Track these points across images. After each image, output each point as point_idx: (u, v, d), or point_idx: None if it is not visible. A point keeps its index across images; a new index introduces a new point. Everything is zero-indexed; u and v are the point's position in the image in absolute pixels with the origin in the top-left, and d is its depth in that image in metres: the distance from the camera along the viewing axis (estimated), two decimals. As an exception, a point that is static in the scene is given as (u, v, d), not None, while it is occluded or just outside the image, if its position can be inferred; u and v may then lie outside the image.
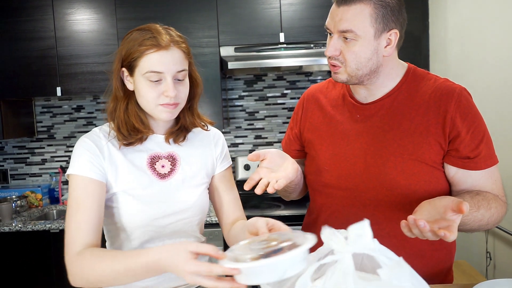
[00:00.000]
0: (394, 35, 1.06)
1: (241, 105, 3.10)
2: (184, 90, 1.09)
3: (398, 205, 1.08)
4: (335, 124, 1.18)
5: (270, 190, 1.01)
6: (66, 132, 3.14)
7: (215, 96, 2.70)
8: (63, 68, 2.72)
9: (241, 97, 3.10)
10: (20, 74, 2.73)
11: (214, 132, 1.24)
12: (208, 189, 1.21)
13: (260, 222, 0.92)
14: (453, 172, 1.10)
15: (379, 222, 1.08)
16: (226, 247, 1.14)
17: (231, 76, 3.09)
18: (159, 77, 1.03)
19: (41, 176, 3.17)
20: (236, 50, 2.69)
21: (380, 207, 1.10)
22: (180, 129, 1.16)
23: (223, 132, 3.04)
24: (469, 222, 1.01)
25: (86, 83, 2.73)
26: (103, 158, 1.07)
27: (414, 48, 2.65)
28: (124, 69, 1.07)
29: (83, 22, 2.71)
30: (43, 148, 3.15)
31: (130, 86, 1.08)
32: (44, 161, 3.16)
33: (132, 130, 1.09)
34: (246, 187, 1.00)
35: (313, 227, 1.20)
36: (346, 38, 1.03)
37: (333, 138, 1.17)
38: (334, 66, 1.08)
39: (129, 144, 1.09)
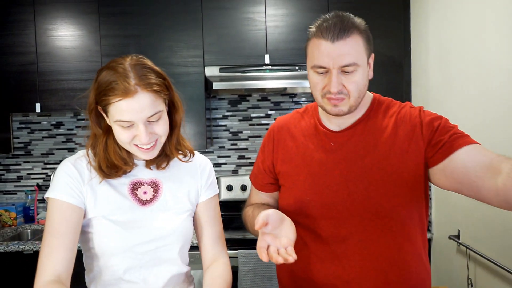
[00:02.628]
0: (371, 58, 1.12)
1: (225, 125, 3.08)
2: (161, 127, 1.03)
3: (384, 228, 1.09)
4: (310, 153, 1.17)
5: (291, 260, 0.94)
6: (44, 148, 3.06)
7: (199, 115, 2.68)
8: (43, 84, 2.67)
9: (225, 117, 3.09)
10: (-2, 89, 2.66)
11: (201, 160, 1.20)
12: (193, 217, 1.18)
13: None
14: (443, 167, 1.03)
15: (367, 247, 1.09)
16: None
17: (215, 96, 3.08)
18: (129, 124, 0.99)
19: (16, 194, 3.06)
20: (221, 70, 2.69)
21: (366, 232, 1.10)
22: (161, 156, 1.12)
23: (206, 152, 3.03)
24: None
25: (67, 100, 2.67)
26: (83, 183, 1.06)
27: (395, 73, 2.70)
28: (99, 107, 1.03)
29: (66, 38, 2.67)
30: (19, 164, 3.06)
31: (108, 121, 1.04)
32: (20, 178, 3.06)
33: (113, 167, 1.07)
34: (265, 259, 0.94)
35: (301, 260, 1.14)
36: (347, 72, 1.04)
37: (310, 167, 1.16)
38: (337, 99, 1.06)
39: (109, 178, 1.08)
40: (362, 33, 1.06)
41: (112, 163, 1.06)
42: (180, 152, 1.14)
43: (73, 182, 1.04)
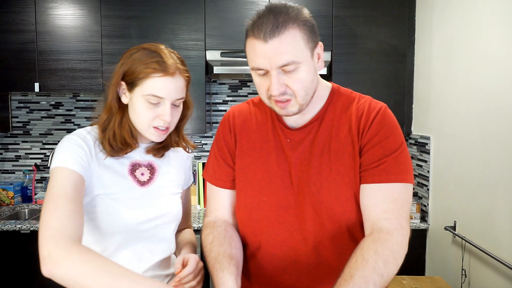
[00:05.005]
0: (320, 48, 1.00)
1: (225, 110, 3.06)
2: (177, 115, 1.12)
3: (337, 234, 1.03)
4: (268, 149, 1.08)
5: None
6: (42, 129, 3.04)
7: (199, 100, 2.66)
8: (43, 64, 2.64)
9: (225, 102, 3.07)
10: (-4, 67, 2.63)
11: (188, 154, 1.30)
12: None
13: (177, 260, 1.08)
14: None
15: (321, 254, 1.04)
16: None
17: (216, 81, 3.06)
18: (158, 101, 1.05)
19: (14, 173, 3.06)
20: (222, 54, 2.66)
21: (319, 237, 1.03)
22: (162, 147, 1.19)
23: (205, 136, 3.02)
24: None
25: (66, 80, 2.65)
26: (90, 156, 1.06)
27: (399, 63, 2.68)
28: (123, 82, 1.08)
29: (66, 17, 2.64)
30: (18, 144, 3.05)
31: (125, 100, 1.09)
32: (18, 157, 3.05)
33: (123, 143, 1.10)
34: None
35: (251, 263, 1.12)
36: (287, 70, 0.94)
37: (268, 165, 1.07)
38: (283, 102, 0.97)
39: (114, 155, 1.10)
40: (300, 26, 0.94)
41: (124, 139, 1.10)
42: (183, 144, 1.24)
43: (83, 154, 1.03)
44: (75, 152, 1.02)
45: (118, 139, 1.09)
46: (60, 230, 0.88)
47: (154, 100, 1.04)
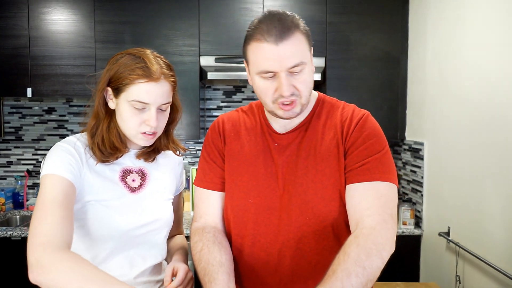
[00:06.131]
0: (311, 51, 1.06)
1: (218, 116, 3.05)
2: (164, 120, 1.11)
3: (322, 234, 1.04)
4: (256, 153, 1.11)
5: None
6: (35, 134, 3.02)
7: (193, 105, 2.65)
8: (36, 69, 2.62)
9: (219, 108, 3.06)
10: (-11, 72, 2.61)
11: (179, 158, 1.30)
12: None
13: (167, 270, 1.08)
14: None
15: (305, 256, 1.05)
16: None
17: (210, 86, 3.05)
18: (144, 106, 1.05)
19: (5, 179, 3.03)
20: (216, 60, 2.66)
21: (304, 238, 1.04)
22: (152, 150, 1.19)
23: (199, 142, 3.01)
24: None
25: (59, 85, 2.63)
26: (82, 164, 1.06)
27: (393, 68, 2.69)
28: (109, 88, 1.08)
29: (59, 23, 2.62)
30: (10, 150, 3.02)
31: (112, 106, 1.10)
32: (9, 163, 3.02)
33: (112, 148, 1.10)
34: None
35: (239, 264, 1.12)
36: (295, 72, 0.99)
37: (255, 168, 1.10)
38: (289, 104, 1.01)
39: (106, 161, 1.10)
40: (302, 31, 1.00)
41: (112, 144, 1.10)
42: (173, 147, 1.23)
43: (73, 161, 1.04)
44: (66, 160, 1.02)
45: (107, 144, 1.09)
46: (49, 238, 0.87)
47: (140, 106, 1.04)
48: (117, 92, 1.06)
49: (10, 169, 3.03)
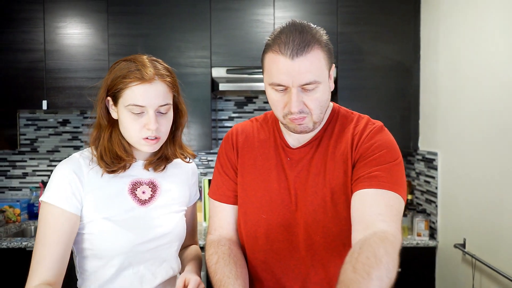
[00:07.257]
0: (333, 69, 1.04)
1: (231, 126, 3.06)
2: (166, 124, 1.09)
3: (334, 252, 1.02)
4: (269, 167, 1.09)
5: None
6: (50, 146, 3.07)
7: (204, 116, 2.67)
8: (51, 82, 2.67)
9: (231, 118, 3.08)
10: (6, 85, 2.67)
11: (193, 166, 1.28)
12: None
13: (178, 281, 1.04)
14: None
15: (318, 273, 1.04)
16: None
17: (222, 97, 3.07)
18: (141, 110, 1.03)
19: (21, 190, 3.07)
20: (228, 71, 2.68)
21: (317, 256, 1.04)
22: (160, 158, 1.16)
23: (211, 153, 3.02)
24: None
25: (74, 98, 2.68)
26: (82, 187, 1.05)
27: (405, 78, 2.67)
28: (109, 98, 1.08)
29: (74, 36, 2.68)
30: (25, 161, 3.07)
31: (114, 115, 1.09)
32: (25, 174, 3.07)
33: (115, 158, 1.09)
34: None
35: (252, 280, 1.12)
36: (307, 89, 0.96)
37: (268, 183, 1.08)
38: (299, 119, 0.98)
39: (112, 171, 1.09)
40: (323, 46, 0.97)
41: (115, 154, 1.08)
42: (182, 154, 1.20)
43: (71, 188, 1.03)
44: (62, 186, 1.03)
45: (109, 154, 1.08)
46: (29, 277, 1.00)
47: (137, 110, 1.03)
48: (115, 99, 1.06)
49: (26, 180, 3.07)
